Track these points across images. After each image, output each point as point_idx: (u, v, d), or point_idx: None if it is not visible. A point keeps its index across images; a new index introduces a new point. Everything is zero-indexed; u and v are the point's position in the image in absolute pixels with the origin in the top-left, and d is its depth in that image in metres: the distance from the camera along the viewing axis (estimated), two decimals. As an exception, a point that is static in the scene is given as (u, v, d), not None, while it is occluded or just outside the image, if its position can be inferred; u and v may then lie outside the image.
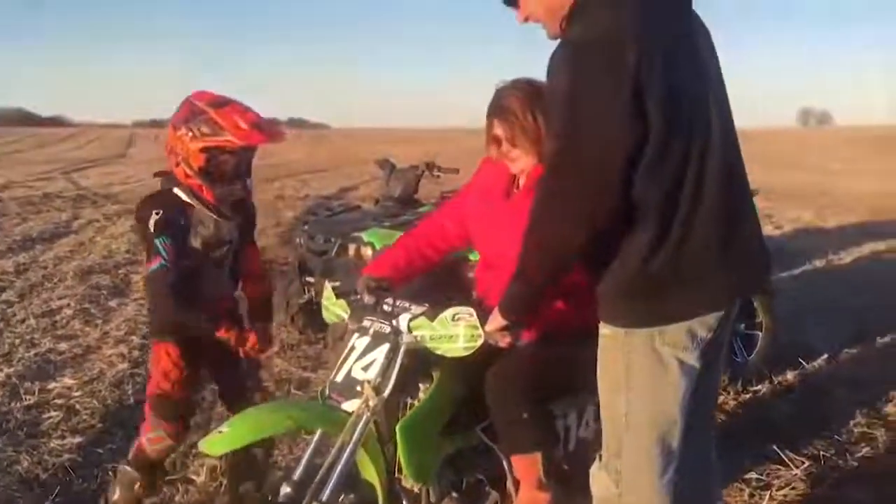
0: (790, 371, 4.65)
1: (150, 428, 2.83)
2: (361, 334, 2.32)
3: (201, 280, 2.76)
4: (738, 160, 2.05)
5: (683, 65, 1.84)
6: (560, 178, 1.85)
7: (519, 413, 2.28)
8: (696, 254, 1.89)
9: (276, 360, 5.14)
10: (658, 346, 1.93)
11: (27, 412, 4.20)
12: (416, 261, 2.65)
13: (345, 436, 2.15)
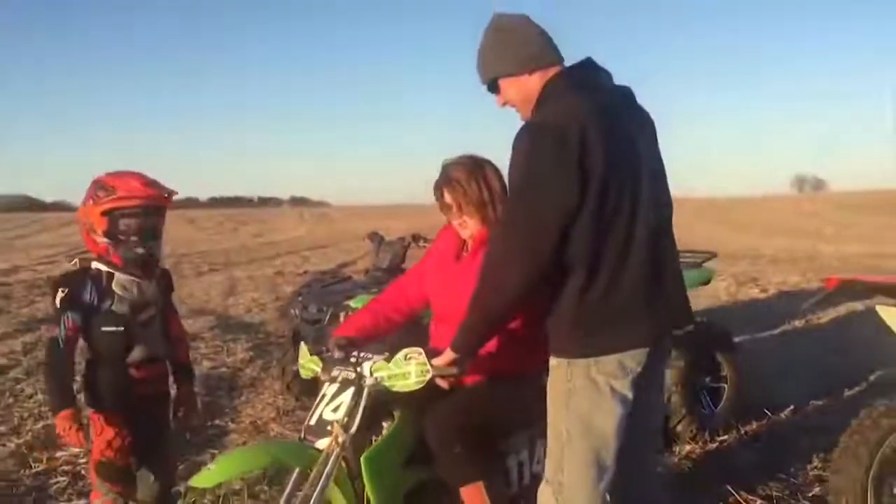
0: (756, 422, 4.92)
1: (100, 494, 3.02)
2: (331, 382, 2.65)
3: (136, 342, 3.00)
4: (667, 225, 2.47)
5: (618, 144, 2.25)
6: (511, 229, 2.26)
7: (452, 447, 2.60)
8: (624, 299, 2.27)
9: (272, 424, 5.41)
10: (594, 375, 2.29)
11: (36, 478, 4.46)
12: (381, 322, 2.99)
13: (318, 469, 2.44)
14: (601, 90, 2.36)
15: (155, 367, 3.11)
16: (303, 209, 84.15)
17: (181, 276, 16.79)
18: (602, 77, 2.43)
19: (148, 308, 3.06)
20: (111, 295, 2.95)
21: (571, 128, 2.16)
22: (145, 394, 3.05)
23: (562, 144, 2.15)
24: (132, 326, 2.99)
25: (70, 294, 2.90)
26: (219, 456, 2.61)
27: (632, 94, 2.48)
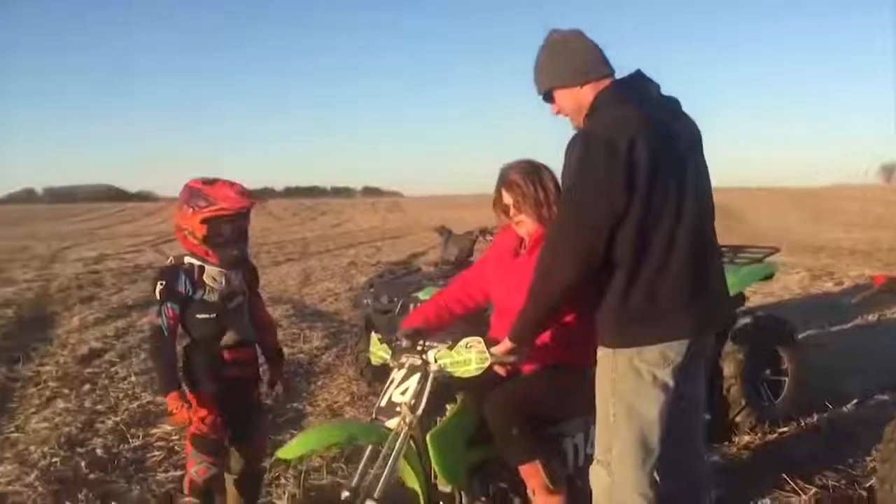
0: (818, 414, 5.00)
1: (194, 462, 3.33)
2: (399, 368, 2.92)
3: (229, 328, 3.33)
4: (708, 226, 2.66)
5: (663, 153, 2.45)
6: (564, 229, 2.50)
7: (510, 429, 2.85)
8: (666, 294, 2.49)
9: (346, 408, 5.73)
10: (637, 363, 2.51)
11: (134, 452, 4.86)
12: (444, 314, 3.25)
13: (388, 446, 2.72)
14: (649, 101, 2.57)
15: (244, 350, 3.42)
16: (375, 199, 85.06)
17: (259, 266, 17.38)
18: (650, 88, 2.63)
19: (236, 297, 3.38)
20: (203, 286, 3.28)
21: (621, 137, 2.38)
22: (236, 375, 3.37)
23: (611, 153, 2.37)
24: (223, 313, 3.30)
25: (167, 286, 3.23)
26: (300, 432, 2.90)
27: (678, 104, 2.68)
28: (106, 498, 4.12)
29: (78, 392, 6.36)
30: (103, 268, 17.30)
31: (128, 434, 5.17)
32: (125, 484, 4.33)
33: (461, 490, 2.89)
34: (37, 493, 4.16)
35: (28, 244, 26.78)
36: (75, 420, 5.54)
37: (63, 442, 5.01)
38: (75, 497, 4.09)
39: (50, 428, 5.38)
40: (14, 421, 5.72)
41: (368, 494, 2.65)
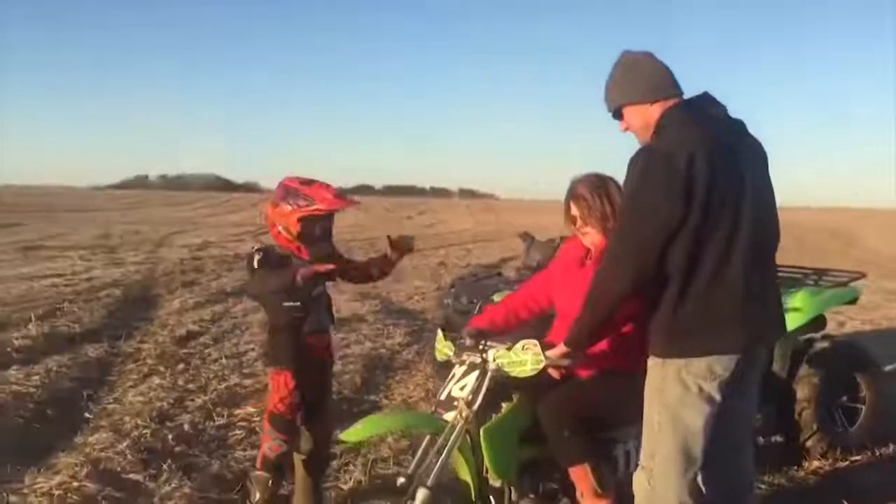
0: (893, 445, 4.86)
1: (269, 439, 3.53)
2: (461, 365, 3.06)
3: (309, 316, 3.53)
4: (768, 244, 2.73)
5: (722, 172, 2.52)
6: (621, 240, 2.61)
7: (561, 431, 2.96)
8: (717, 308, 2.55)
9: (420, 404, 5.90)
10: (684, 375, 2.58)
11: (218, 430, 5.17)
12: (511, 317, 3.38)
13: (444, 437, 2.87)
14: (714, 122, 2.64)
15: (321, 337, 3.66)
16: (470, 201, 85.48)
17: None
18: (716, 110, 2.70)
19: (317, 287, 3.61)
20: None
21: (681, 154, 2.46)
22: (313, 359, 3.60)
23: (671, 168, 2.46)
24: (307, 301, 3.52)
25: (265, 256, 3.43)
26: (363, 419, 3.08)
27: (744, 125, 2.75)
28: (187, 469, 4.41)
29: (172, 370, 6.76)
30: (206, 254, 18.11)
31: (213, 413, 5.49)
32: (206, 458, 4.62)
33: (511, 485, 3.01)
34: (126, 460, 4.48)
35: (139, 228, 28.22)
36: (168, 396, 5.91)
37: (154, 416, 5.36)
38: (160, 467, 4.40)
39: (144, 402, 5.76)
40: (112, 393, 6.16)
41: (422, 482, 2.80)
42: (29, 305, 9.73)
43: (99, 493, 3.98)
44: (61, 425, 5.30)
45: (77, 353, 7.30)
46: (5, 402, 5.55)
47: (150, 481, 4.22)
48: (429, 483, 2.80)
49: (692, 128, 2.58)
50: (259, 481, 3.56)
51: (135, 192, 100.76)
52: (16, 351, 7.29)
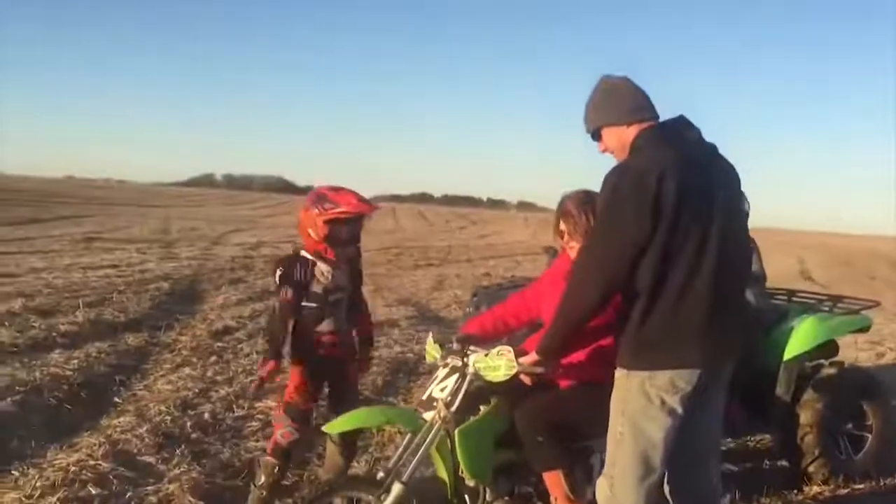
0: (901, 476, 4.80)
1: (282, 426, 3.77)
2: (444, 367, 3.19)
3: (326, 317, 3.77)
4: (738, 263, 2.81)
5: (692, 192, 2.61)
6: (589, 255, 2.71)
7: (535, 436, 3.06)
8: (681, 324, 2.64)
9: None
10: (647, 388, 2.66)
11: (236, 421, 5.37)
12: (499, 325, 3.50)
13: (421, 436, 3.01)
14: (687, 144, 2.73)
15: (339, 336, 3.86)
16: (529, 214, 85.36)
17: (397, 268, 18.13)
18: (690, 132, 2.79)
19: (338, 292, 3.83)
20: (312, 278, 3.76)
21: (651, 173, 2.56)
22: (330, 356, 3.83)
23: (641, 186, 2.55)
24: (324, 305, 3.78)
25: (285, 272, 3.73)
26: (347, 412, 3.25)
27: (716, 149, 2.83)
28: (199, 455, 4.62)
29: (204, 362, 7.02)
30: (257, 254, 18.56)
31: (234, 404, 5.70)
32: (219, 446, 4.83)
33: (486, 486, 3.12)
34: (143, 443, 4.71)
35: (198, 225, 28.99)
36: (194, 386, 6.16)
37: (178, 404, 5.60)
38: (173, 451, 4.61)
39: (172, 390, 6.01)
40: (144, 380, 6.44)
41: (398, 477, 2.94)
42: (80, 294, 10.14)
43: (111, 472, 4.19)
44: (91, 407, 5.58)
45: (117, 341, 7.64)
46: (42, 383, 5.85)
47: (162, 464, 4.43)
48: (404, 478, 2.93)
49: (665, 148, 2.67)
50: (266, 466, 3.82)
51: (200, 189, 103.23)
52: (61, 336, 7.66)
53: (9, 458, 4.35)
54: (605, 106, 2.86)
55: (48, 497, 3.80)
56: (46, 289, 10.43)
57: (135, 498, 3.93)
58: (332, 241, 3.74)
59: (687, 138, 2.76)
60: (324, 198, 3.72)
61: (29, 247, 17.28)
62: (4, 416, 5.06)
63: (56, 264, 13.76)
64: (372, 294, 12.81)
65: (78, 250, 16.98)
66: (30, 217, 28.26)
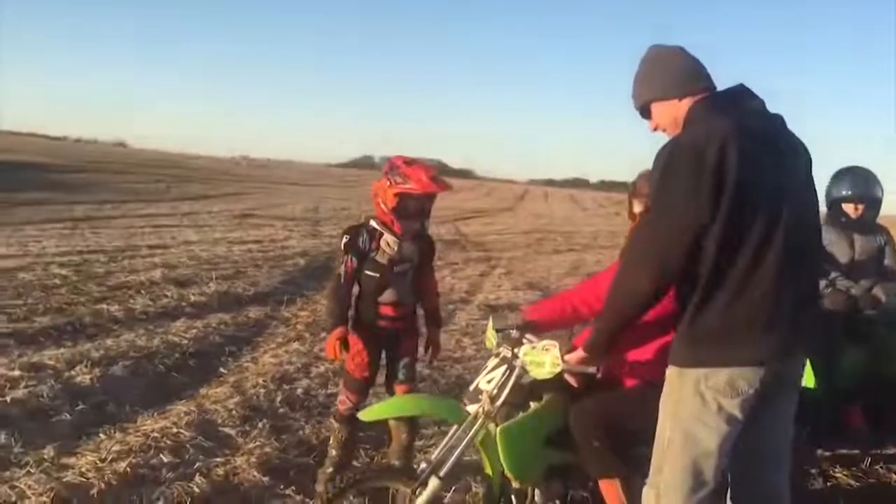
0: None
1: (341, 394, 3.84)
2: (495, 357, 2.97)
3: (389, 287, 3.71)
4: (809, 248, 2.45)
5: (757, 167, 2.28)
6: (645, 238, 2.41)
7: (591, 441, 2.78)
8: (743, 316, 2.31)
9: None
10: (702, 389, 2.35)
11: (327, 398, 5.36)
12: (567, 312, 3.20)
13: (464, 429, 2.81)
14: (748, 114, 2.38)
15: (402, 308, 3.80)
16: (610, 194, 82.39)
17: (536, 252, 17.86)
18: (751, 102, 2.44)
19: (403, 263, 3.77)
20: (378, 248, 3.72)
21: (710, 146, 2.24)
22: (389, 327, 3.79)
23: (698, 162, 2.24)
24: (387, 275, 3.72)
25: (351, 241, 3.72)
26: (386, 399, 3.11)
27: (783, 121, 2.47)
28: (279, 430, 4.64)
29: (314, 338, 7.10)
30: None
31: (331, 381, 5.71)
32: (302, 422, 4.82)
33: (536, 488, 2.89)
34: (230, 414, 4.79)
35: (348, 206, 29.79)
36: (298, 361, 6.24)
37: (277, 377, 5.69)
38: (255, 424, 4.66)
39: (275, 364, 6.11)
40: (253, 353, 6.58)
41: (435, 471, 2.77)
42: (219, 266, 10.62)
43: (189, 441, 4.28)
44: (195, 376, 5.74)
45: (239, 313, 7.89)
46: (156, 350, 6.12)
47: (241, 437, 4.48)
48: (442, 473, 2.76)
49: (723, 119, 2.33)
50: (332, 431, 3.93)
51: (358, 171, 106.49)
52: (190, 305, 8.04)
53: (101, 422, 4.53)
54: (654, 78, 2.57)
55: (120, 462, 3.90)
56: (190, 260, 10.98)
57: (202, 468, 3.96)
58: (400, 213, 3.67)
59: (748, 108, 2.42)
60: (396, 170, 3.64)
61: (190, 221, 18.31)
62: (112, 381, 5.31)
63: (207, 238, 14.50)
64: (502, 277, 12.70)
65: (231, 226, 17.83)
66: (200, 193, 30.06)
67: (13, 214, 15.95)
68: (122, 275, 9.26)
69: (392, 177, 3.63)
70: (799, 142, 2.48)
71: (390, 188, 3.62)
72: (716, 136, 2.26)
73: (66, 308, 7.29)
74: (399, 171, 3.61)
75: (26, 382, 5.00)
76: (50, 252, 10.65)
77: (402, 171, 3.60)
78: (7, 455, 3.93)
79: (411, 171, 3.60)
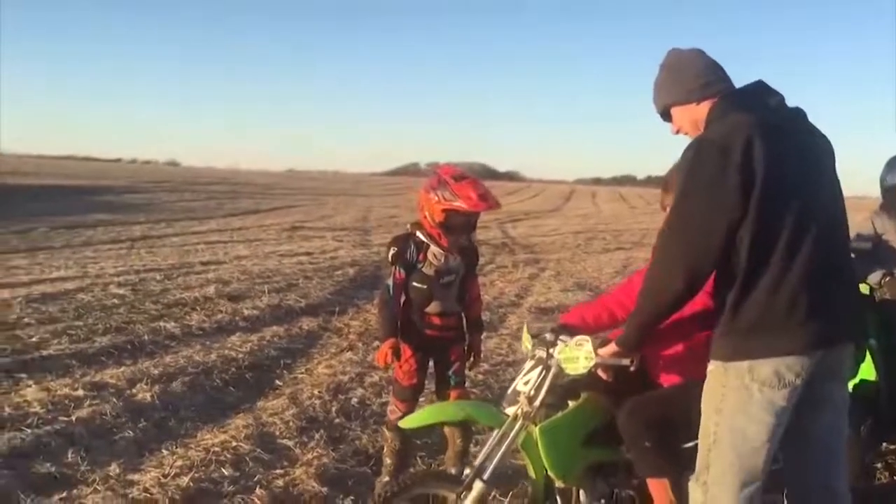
0: None
1: (391, 403, 3.91)
2: (531, 359, 2.97)
3: (435, 298, 3.77)
4: (840, 237, 2.49)
5: (784, 160, 2.31)
6: (674, 235, 2.40)
7: (641, 440, 2.75)
8: (783, 306, 2.31)
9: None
10: (748, 382, 2.34)
11: (381, 407, 5.38)
12: (603, 315, 3.17)
13: (504, 432, 2.83)
14: (769, 109, 2.42)
15: (448, 318, 3.87)
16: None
17: (584, 252, 17.73)
18: (771, 98, 2.47)
19: (449, 275, 3.83)
20: (424, 259, 3.78)
21: (735, 141, 2.27)
22: (438, 337, 3.86)
23: (725, 157, 2.26)
24: (433, 286, 3.79)
25: (398, 252, 3.79)
26: (426, 406, 3.16)
27: (804, 115, 2.50)
28: (337, 441, 4.70)
29: (367, 347, 7.16)
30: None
31: (384, 390, 5.74)
32: (359, 432, 4.87)
33: (580, 487, 2.88)
34: (287, 426, 4.86)
35: (397, 213, 29.93)
36: (352, 370, 6.30)
37: (331, 388, 5.75)
38: (312, 434, 4.72)
39: (329, 374, 6.18)
40: (307, 364, 6.66)
41: (479, 475, 2.78)
42: (270, 280, 10.75)
43: (249, 455, 4.35)
44: (252, 390, 5.84)
45: (292, 325, 8.00)
46: (213, 365, 6.24)
47: (298, 448, 4.54)
48: (485, 476, 2.77)
49: (746, 114, 2.37)
50: (385, 440, 4.01)
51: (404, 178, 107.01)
52: (243, 319, 8.16)
53: (162, 438, 4.63)
54: (674, 82, 2.61)
55: (183, 476, 3.98)
56: (242, 275, 11.14)
57: (262, 481, 4.03)
58: (447, 228, 3.71)
59: (769, 103, 2.45)
60: (445, 186, 3.67)
61: (240, 236, 18.57)
62: (171, 396, 5.42)
63: (258, 252, 14.70)
64: (551, 279, 12.65)
65: (281, 239, 18.04)
66: (251, 208, 30.51)
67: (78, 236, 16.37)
68: (178, 292, 9.44)
69: (440, 192, 3.66)
70: (821, 134, 2.52)
71: (438, 204, 3.66)
72: (740, 132, 2.29)
73: (124, 327, 7.46)
74: (449, 187, 3.64)
75: (90, 401, 5.14)
76: (108, 272, 10.91)
77: (452, 189, 3.64)
78: (74, 473, 4.05)
79: (460, 189, 3.63)
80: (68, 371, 5.88)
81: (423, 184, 3.89)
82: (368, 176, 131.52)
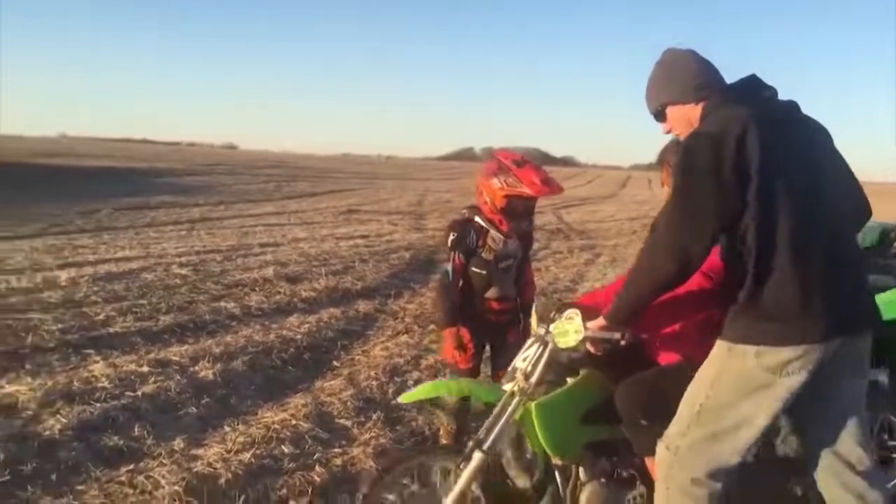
0: None
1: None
2: (531, 336, 2.97)
3: (494, 283, 3.79)
4: (846, 224, 2.53)
5: (781, 151, 2.32)
6: (669, 224, 2.41)
7: (637, 418, 2.77)
8: (794, 296, 2.32)
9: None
10: (752, 366, 2.36)
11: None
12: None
13: (501, 408, 2.83)
14: (762, 103, 2.44)
15: (506, 303, 3.90)
16: None
17: (641, 239, 17.42)
18: (765, 91, 2.49)
19: (507, 259, 3.86)
20: (484, 244, 3.80)
21: (728, 134, 2.29)
22: (496, 321, 3.89)
23: (718, 149, 2.28)
24: (493, 271, 3.82)
25: (458, 237, 3.80)
26: (424, 383, 3.24)
27: (797, 107, 2.52)
28: (393, 421, 4.76)
29: (423, 330, 7.23)
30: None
31: (440, 373, 5.79)
32: (415, 413, 4.92)
33: (580, 465, 2.89)
34: (345, 406, 4.93)
35: (452, 198, 29.98)
36: (408, 353, 6.36)
37: (388, 370, 5.81)
38: (369, 415, 4.78)
39: (385, 356, 6.24)
40: (364, 346, 6.74)
41: (478, 446, 2.80)
42: (327, 262, 10.88)
43: (308, 433, 4.43)
44: (310, 370, 5.94)
45: (349, 307, 8.09)
46: (272, 345, 6.35)
47: (357, 428, 4.61)
48: (485, 447, 2.79)
49: (738, 108, 2.38)
50: (441, 424, 4.01)
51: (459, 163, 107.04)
52: (301, 301, 8.28)
53: (224, 415, 4.74)
54: (669, 82, 2.62)
55: (245, 453, 4.08)
56: (299, 257, 11.29)
57: (322, 459, 4.10)
58: (509, 214, 3.72)
59: (762, 96, 2.47)
60: (507, 171, 3.68)
61: (297, 219, 18.82)
62: (232, 374, 5.54)
63: (315, 234, 14.88)
64: (606, 264, 12.56)
65: (338, 222, 18.23)
66: (307, 191, 30.87)
67: (142, 217, 16.77)
68: (237, 273, 9.62)
69: (503, 178, 3.66)
70: (816, 122, 2.52)
71: (500, 189, 3.66)
72: (733, 124, 2.31)
73: (186, 306, 7.63)
74: (511, 173, 3.65)
75: (154, 377, 5.28)
76: (170, 253, 11.16)
77: (515, 174, 3.64)
78: (140, 446, 4.17)
79: (523, 174, 3.63)
80: (134, 348, 6.05)
81: (481, 169, 3.89)
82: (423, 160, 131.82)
